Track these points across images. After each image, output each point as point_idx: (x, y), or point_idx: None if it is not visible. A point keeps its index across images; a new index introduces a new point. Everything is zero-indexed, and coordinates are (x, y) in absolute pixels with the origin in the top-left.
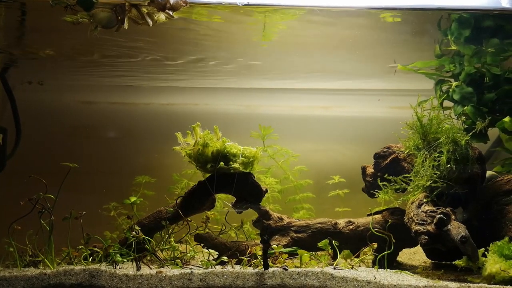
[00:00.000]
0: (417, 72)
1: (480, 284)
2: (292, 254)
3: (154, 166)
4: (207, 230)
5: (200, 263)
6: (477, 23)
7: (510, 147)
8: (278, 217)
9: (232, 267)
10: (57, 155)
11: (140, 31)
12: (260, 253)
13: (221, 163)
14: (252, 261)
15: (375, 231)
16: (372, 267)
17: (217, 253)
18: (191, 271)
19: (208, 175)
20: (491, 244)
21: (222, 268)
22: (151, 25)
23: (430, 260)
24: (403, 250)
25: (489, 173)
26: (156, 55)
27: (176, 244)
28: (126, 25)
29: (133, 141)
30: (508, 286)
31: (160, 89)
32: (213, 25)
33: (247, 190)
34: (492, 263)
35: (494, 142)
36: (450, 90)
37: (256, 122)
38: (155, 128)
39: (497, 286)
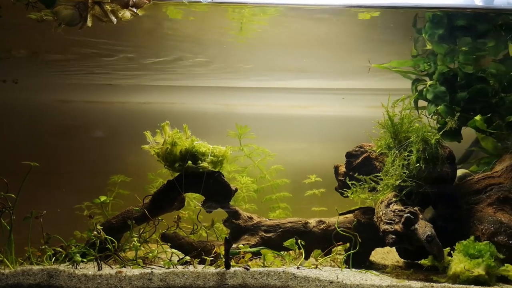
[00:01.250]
0: (392, 70)
1: (444, 284)
2: (259, 254)
3: (131, 165)
4: (178, 229)
5: (162, 263)
6: (450, 22)
7: (486, 146)
8: (247, 216)
9: (194, 267)
10: (33, 155)
11: (117, 30)
12: (222, 252)
13: (189, 162)
14: (218, 261)
15: (342, 230)
16: (347, 267)
17: (180, 252)
18: (151, 271)
19: (177, 174)
20: (457, 244)
21: (183, 268)
22: (115, 23)
23: (403, 260)
24: (377, 249)
25: (462, 171)
26: (133, 54)
27: (141, 244)
28: (89, 23)
29: (109, 140)
30: (472, 285)
31: (137, 87)
32: (189, 24)
33: (216, 189)
34: (457, 263)
35: (474, 141)
36: (424, 89)
37: (233, 121)
38: (132, 127)
39: (461, 285)
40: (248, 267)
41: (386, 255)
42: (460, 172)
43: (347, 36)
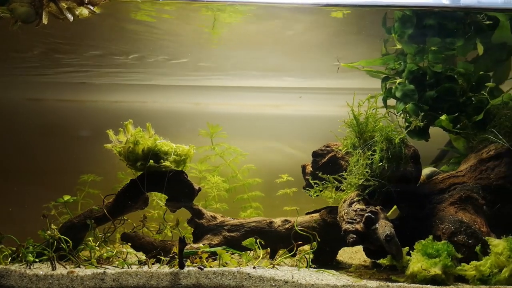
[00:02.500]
0: (361, 70)
1: (399, 284)
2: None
3: (102, 164)
4: (145, 229)
5: (119, 262)
6: (419, 21)
7: (457, 146)
8: (211, 216)
9: (149, 267)
10: (2, 154)
11: (88, 28)
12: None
13: (151, 161)
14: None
15: (301, 230)
16: (315, 266)
17: (135, 252)
18: (104, 271)
19: (140, 173)
20: (416, 243)
21: (137, 268)
22: (71, 20)
23: (370, 259)
24: (345, 249)
25: (430, 169)
26: (104, 52)
27: (103, 244)
28: (45, 20)
29: (80, 139)
30: (429, 285)
31: (108, 86)
32: (162, 22)
33: (179, 189)
34: (415, 262)
35: (448, 141)
36: (393, 87)
37: (205, 120)
38: (103, 126)
39: (417, 285)
40: (202, 267)
41: (354, 254)
42: (428, 170)
43: (320, 35)
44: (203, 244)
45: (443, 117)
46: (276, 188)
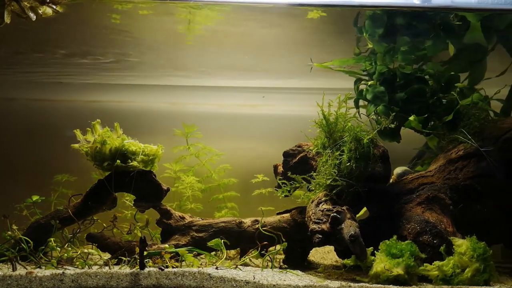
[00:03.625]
0: (335, 70)
1: (361, 284)
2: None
3: (77, 164)
4: (115, 229)
5: (79, 263)
6: (390, 21)
7: (432, 145)
8: (179, 216)
9: (110, 268)
10: None
11: (63, 27)
12: (145, 252)
13: (118, 161)
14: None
15: (265, 230)
16: (289, 267)
17: (95, 252)
18: (63, 272)
19: (108, 173)
20: (381, 243)
21: (98, 269)
22: (33, 19)
23: (341, 260)
24: (318, 249)
25: (402, 169)
26: (79, 51)
27: (68, 244)
28: (7, 19)
29: (54, 139)
30: (391, 285)
31: (84, 86)
32: (137, 22)
33: (147, 189)
34: (379, 262)
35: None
36: (364, 89)
37: (182, 120)
38: (78, 126)
39: (379, 285)
40: (162, 268)
41: (326, 254)
42: (400, 169)
43: (297, 35)
44: (169, 245)
45: (412, 118)
46: (252, 188)
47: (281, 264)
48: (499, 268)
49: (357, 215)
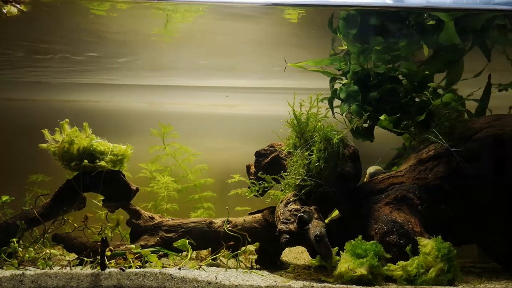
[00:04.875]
0: (309, 70)
1: (324, 284)
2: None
3: (53, 164)
4: (86, 229)
5: (40, 264)
6: (363, 21)
7: (408, 145)
8: (149, 216)
9: (70, 269)
10: None
11: (41, 27)
12: (108, 253)
13: (85, 161)
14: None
15: (229, 230)
16: (259, 267)
17: (57, 253)
18: (23, 273)
19: (76, 173)
20: (346, 243)
21: (58, 269)
22: None
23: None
24: (291, 249)
25: (375, 168)
26: (55, 50)
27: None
28: None
29: (30, 139)
30: (354, 286)
31: (60, 85)
32: (113, 21)
33: (115, 189)
34: (343, 262)
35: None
36: (338, 88)
37: (159, 120)
38: (54, 126)
39: (343, 285)
40: (123, 268)
41: (300, 254)
42: (373, 169)
43: (275, 35)
44: (136, 245)
45: (382, 117)
46: (230, 188)
47: (253, 264)
48: (472, 268)
49: (332, 215)
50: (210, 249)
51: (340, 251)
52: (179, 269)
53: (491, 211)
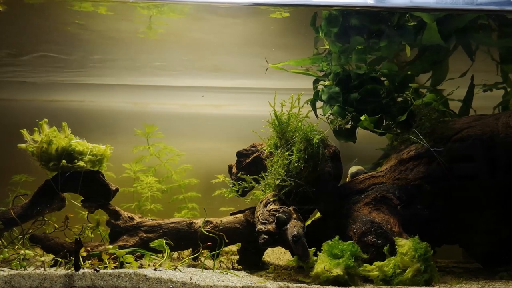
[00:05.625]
0: (290, 71)
1: (300, 285)
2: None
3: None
4: (67, 230)
5: (13, 264)
6: (344, 21)
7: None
8: (128, 217)
9: (45, 269)
10: None
11: (25, 27)
12: (84, 253)
13: (63, 161)
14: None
15: (207, 231)
16: (241, 267)
17: (31, 253)
18: None
19: (55, 173)
20: (323, 243)
21: (33, 270)
22: None
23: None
24: (274, 249)
25: (357, 168)
26: (40, 50)
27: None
28: None
29: (14, 139)
30: (330, 286)
31: (45, 85)
32: (98, 20)
33: (94, 189)
34: (320, 263)
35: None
36: (320, 90)
37: (144, 120)
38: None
39: (318, 286)
40: (97, 269)
41: (282, 255)
42: (355, 168)
43: (261, 35)
44: (114, 245)
45: (363, 118)
46: (215, 188)
47: (235, 264)
48: (455, 268)
49: (316, 216)
50: (191, 249)
51: (318, 252)
52: (155, 269)
53: (472, 211)
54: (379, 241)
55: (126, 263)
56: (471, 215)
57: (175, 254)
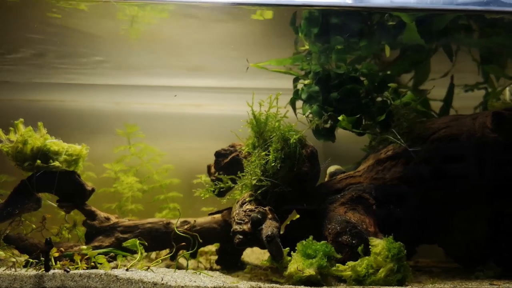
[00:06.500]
0: (271, 70)
1: (272, 285)
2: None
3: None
4: (45, 230)
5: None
6: (325, 21)
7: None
8: (105, 217)
9: (15, 270)
10: None
11: (5, 25)
12: (56, 254)
13: (38, 161)
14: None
15: (180, 231)
16: (222, 268)
17: (2, 254)
18: None
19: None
20: (298, 244)
21: (3, 271)
22: None
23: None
24: (254, 250)
25: (335, 167)
26: (22, 50)
27: None
28: None
29: None
30: (302, 286)
31: (25, 85)
32: (78, 19)
33: (70, 189)
34: (293, 263)
35: None
36: (300, 89)
37: (126, 119)
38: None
39: (291, 286)
40: (68, 269)
41: (262, 255)
42: (333, 168)
43: (242, 35)
44: (88, 246)
45: (341, 117)
46: (197, 188)
47: (213, 265)
48: (434, 267)
49: (296, 217)
50: (169, 250)
51: (292, 252)
52: (127, 270)
53: (448, 210)
54: (353, 241)
55: (98, 263)
56: (448, 215)
57: (153, 255)
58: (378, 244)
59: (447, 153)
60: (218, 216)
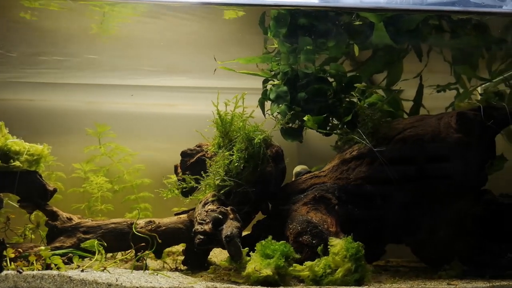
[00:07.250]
0: (239, 72)
1: (229, 285)
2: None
3: None
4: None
5: None
6: (293, 21)
7: None
8: (67, 217)
9: None
10: None
11: None
12: (12, 255)
13: None
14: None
15: (137, 232)
16: (188, 268)
17: None
18: None
19: None
20: (257, 244)
21: None
22: None
23: None
24: (223, 250)
25: (301, 167)
26: None
27: None
28: None
29: None
30: (259, 286)
31: None
32: (50, 17)
33: (31, 190)
34: (252, 263)
35: None
36: (268, 89)
37: (97, 119)
38: None
39: (248, 286)
40: (20, 270)
41: None
42: (299, 168)
43: (216, 34)
44: (46, 247)
45: (306, 117)
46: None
47: (179, 265)
48: (402, 267)
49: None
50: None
51: (251, 252)
52: (82, 271)
53: (413, 210)
54: (313, 241)
55: (54, 264)
56: (413, 215)
57: (119, 255)
58: (337, 244)
59: (411, 153)
60: (184, 216)
